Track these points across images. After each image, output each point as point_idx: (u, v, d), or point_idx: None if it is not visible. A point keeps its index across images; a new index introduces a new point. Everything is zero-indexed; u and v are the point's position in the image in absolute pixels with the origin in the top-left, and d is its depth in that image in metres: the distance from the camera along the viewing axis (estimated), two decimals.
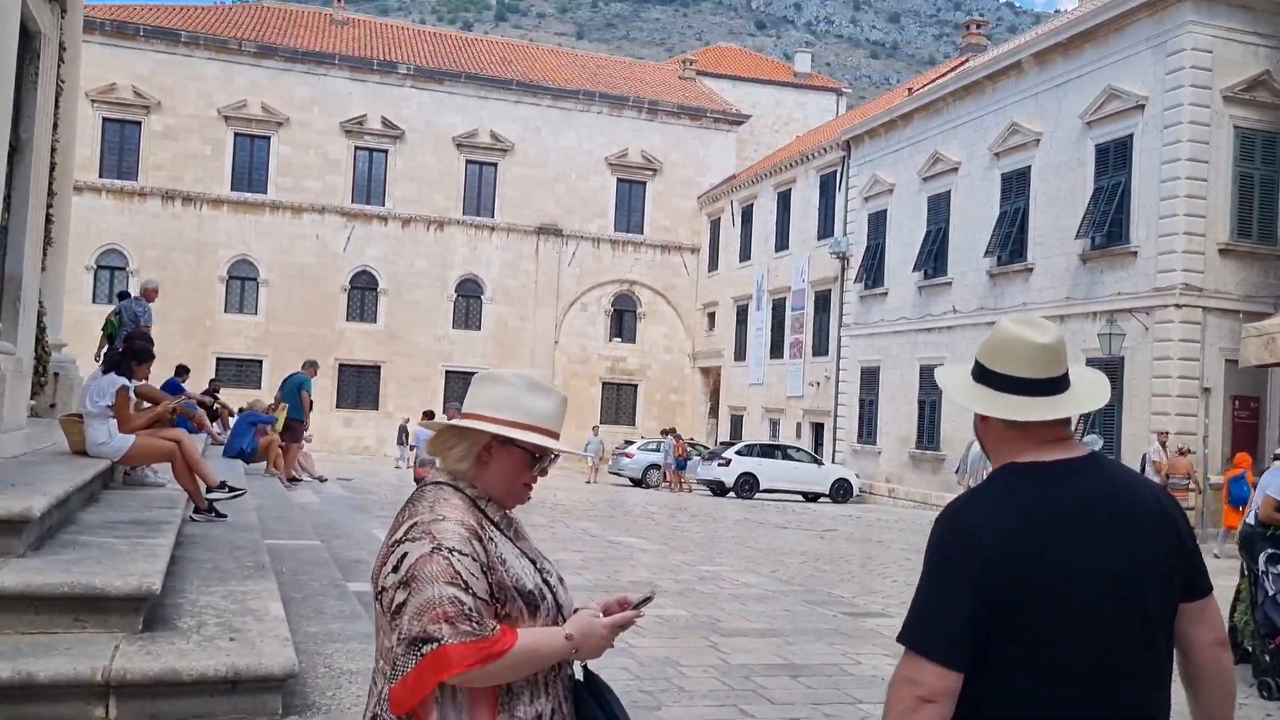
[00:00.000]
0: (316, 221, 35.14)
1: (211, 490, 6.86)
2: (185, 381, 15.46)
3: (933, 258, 25.30)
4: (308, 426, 16.12)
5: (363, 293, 35.81)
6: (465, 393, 2.12)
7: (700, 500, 24.07)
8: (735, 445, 28.08)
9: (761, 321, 34.13)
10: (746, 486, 25.92)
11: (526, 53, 43.86)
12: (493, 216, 37.01)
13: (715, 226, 38.32)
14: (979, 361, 1.92)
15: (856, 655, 7.06)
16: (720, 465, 26.40)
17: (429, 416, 20.16)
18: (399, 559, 1.83)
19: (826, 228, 30.97)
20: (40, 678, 3.11)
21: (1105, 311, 19.41)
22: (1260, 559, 6.91)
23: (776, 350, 33.10)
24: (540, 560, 2.02)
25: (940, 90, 25.85)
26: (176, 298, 31.61)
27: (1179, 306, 18.22)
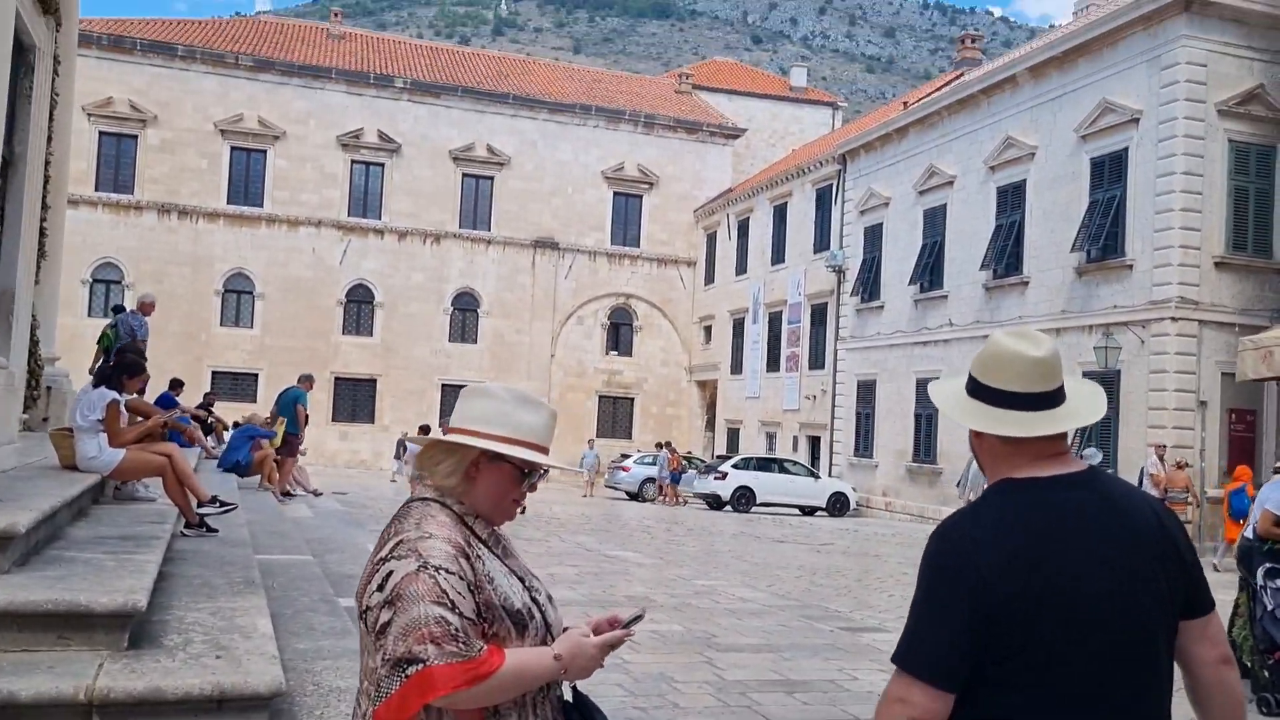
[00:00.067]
0: (313, 235, 35.14)
1: (203, 505, 6.80)
2: (179, 395, 15.41)
3: (929, 271, 25.32)
4: (303, 440, 16.05)
5: (359, 306, 35.78)
6: None
7: (696, 514, 24.00)
8: (732, 459, 28.04)
9: (758, 335, 34.13)
10: (743, 500, 25.87)
11: (523, 67, 43.98)
12: (489, 230, 37.03)
13: (711, 240, 38.36)
14: (973, 375, 1.89)
15: (853, 671, 7.01)
16: (717, 479, 26.35)
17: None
18: (384, 577, 1.79)
19: (822, 241, 31.01)
20: (22, 697, 3.06)
21: (1101, 325, 19.42)
22: (1259, 573, 6.87)
23: (773, 363, 33.09)
24: (529, 578, 1.98)
25: (935, 104, 25.92)
26: (172, 311, 31.55)
27: (1175, 320, 18.23)
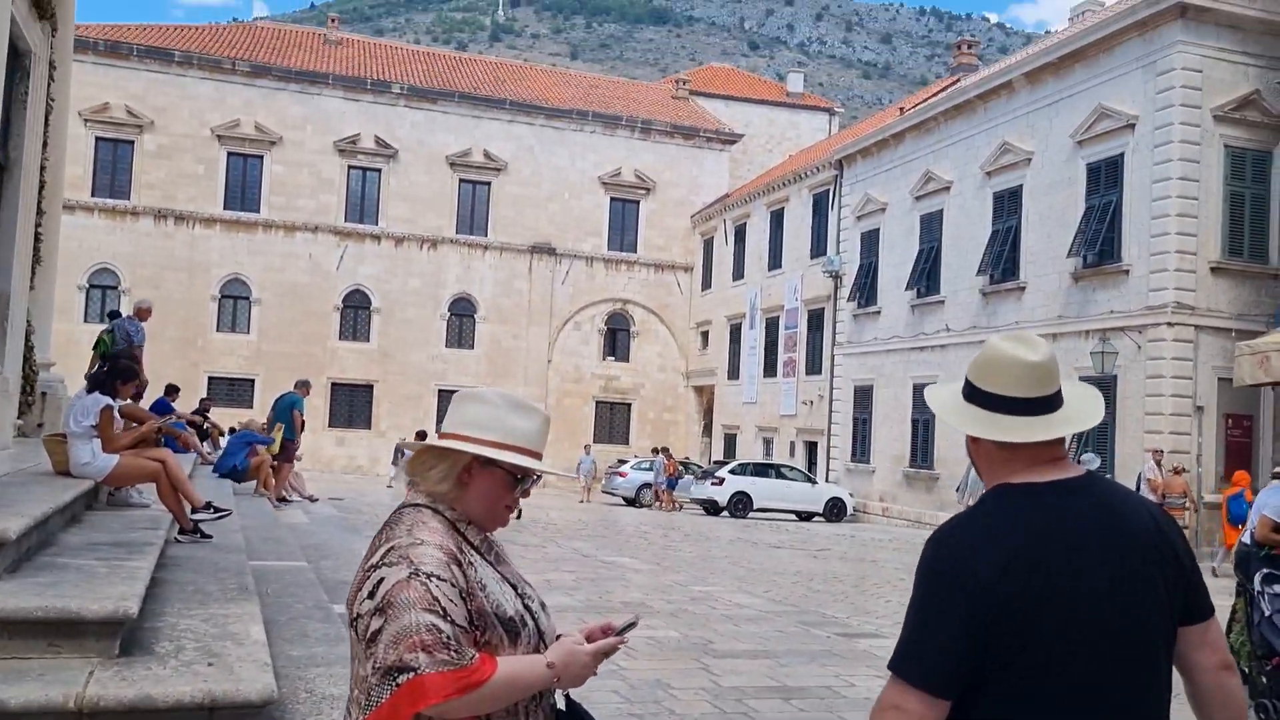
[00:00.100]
0: (309, 240, 35.11)
1: (197, 511, 6.77)
2: (175, 401, 15.38)
3: (925, 276, 25.33)
4: (299, 446, 16.03)
5: (355, 312, 35.74)
6: None
7: (693, 519, 23.97)
8: (729, 464, 28.01)
9: (755, 340, 34.12)
10: (740, 506, 25.84)
11: (520, 72, 44.00)
12: (486, 235, 37.02)
13: (708, 245, 38.37)
14: (969, 380, 1.87)
15: (850, 677, 6.99)
16: (714, 484, 26.32)
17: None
18: (375, 584, 1.77)
19: (819, 247, 31.02)
20: (11, 705, 3.03)
21: (1098, 330, 19.43)
22: (1256, 579, 6.85)
23: (770, 369, 33.08)
24: (521, 585, 1.96)
25: (932, 110, 25.95)
26: (169, 317, 31.48)
27: (1171, 325, 18.24)
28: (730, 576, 12.49)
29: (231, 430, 16.40)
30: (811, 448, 30.85)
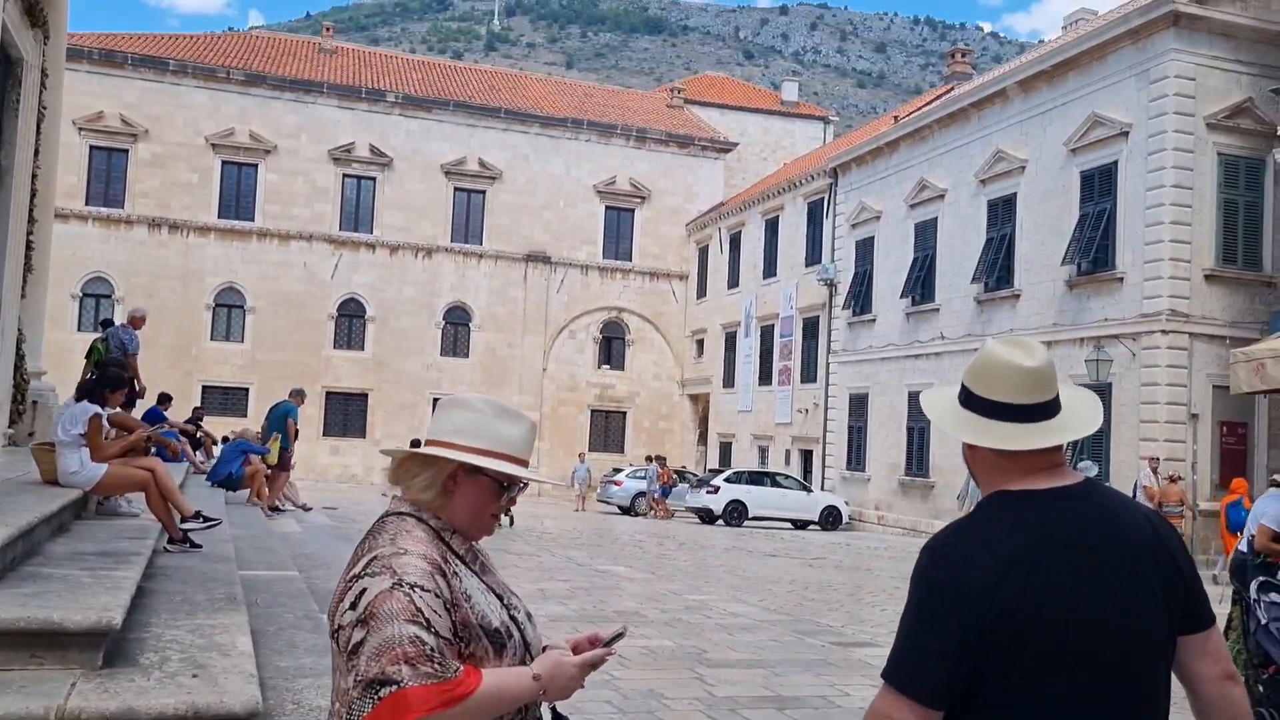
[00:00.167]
0: (304, 249, 35.06)
1: (186, 520, 6.72)
2: (167, 410, 15.32)
3: (920, 284, 25.35)
4: (293, 455, 15.95)
5: (350, 320, 35.68)
6: None
7: (688, 528, 23.90)
8: (724, 472, 27.96)
9: (750, 348, 34.10)
10: (735, 514, 25.79)
11: (515, 81, 44.04)
12: (481, 244, 37.00)
13: (703, 254, 38.38)
14: (965, 385, 1.84)
15: (844, 687, 6.94)
16: (709, 492, 26.27)
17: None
18: (357, 595, 1.73)
19: (814, 255, 31.04)
20: None
21: (1092, 338, 19.43)
22: (1252, 587, 6.82)
23: (765, 377, 33.06)
24: (507, 595, 1.92)
25: (926, 118, 26.00)
26: (163, 325, 31.40)
27: (1166, 332, 18.25)
28: (725, 585, 12.44)
29: (225, 439, 16.31)
30: (807, 456, 30.82)
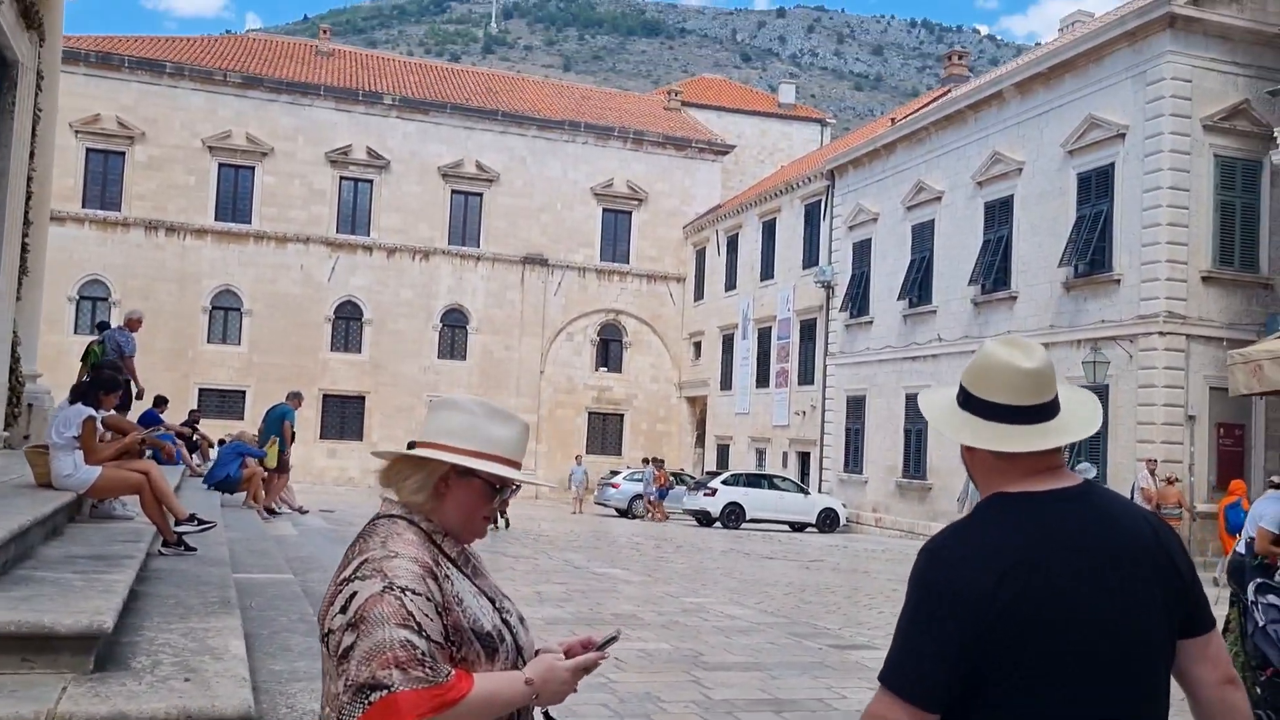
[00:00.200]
0: (301, 251, 35.01)
1: (181, 523, 6.69)
2: (164, 413, 15.29)
3: (917, 286, 25.34)
4: (289, 457, 15.90)
5: (347, 323, 35.63)
6: None
7: (686, 530, 23.88)
8: (721, 475, 27.94)
9: (747, 351, 34.09)
10: (733, 516, 25.77)
11: (512, 84, 44.02)
12: (478, 246, 36.96)
13: (701, 256, 38.37)
14: (964, 387, 1.83)
15: (841, 689, 6.92)
16: (706, 495, 26.25)
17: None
18: (347, 599, 1.71)
19: (811, 257, 31.04)
20: None
21: (1089, 339, 19.43)
22: (1249, 589, 6.80)
23: (762, 379, 33.05)
24: (499, 599, 1.90)
25: (923, 120, 26.00)
26: (159, 328, 31.36)
27: (1163, 334, 18.25)
28: (722, 588, 12.41)
29: (221, 441, 16.28)
30: (804, 458, 30.80)
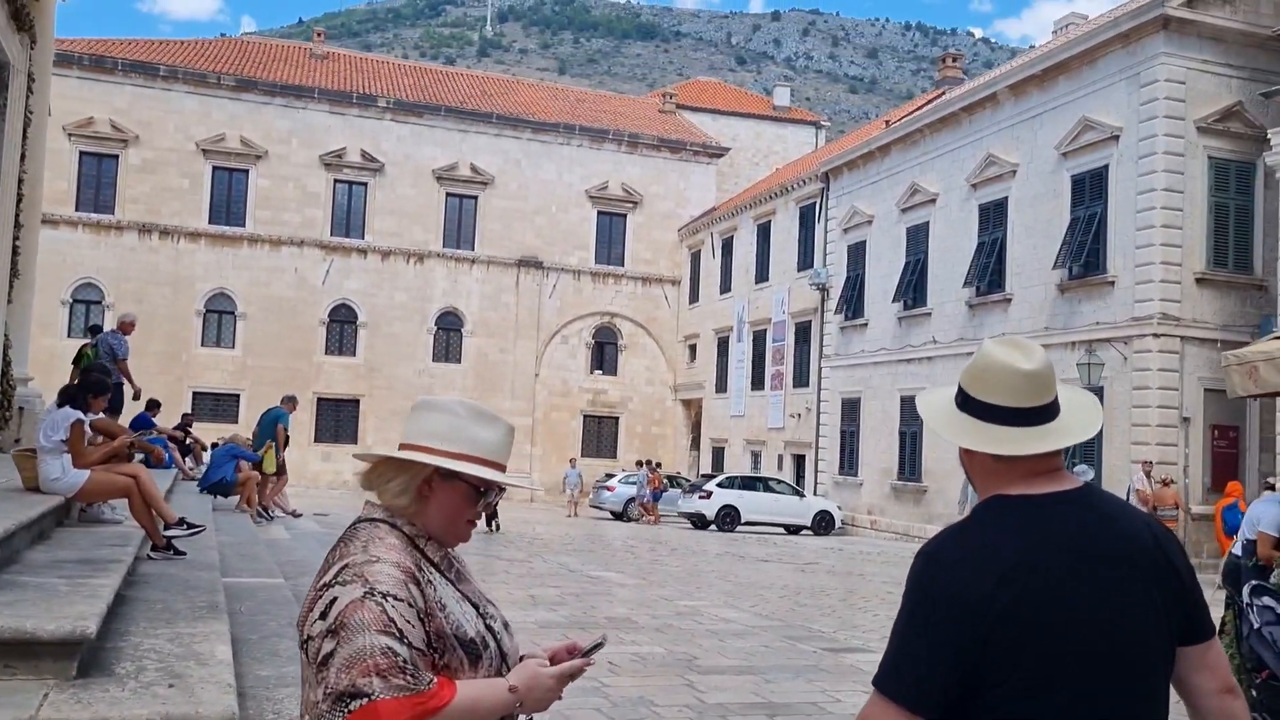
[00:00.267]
0: (295, 254, 34.93)
1: (170, 527, 6.64)
2: (156, 416, 15.20)
3: (912, 288, 25.34)
4: (283, 461, 15.84)
5: (342, 326, 35.56)
6: None
7: (681, 533, 23.84)
8: (716, 477, 27.91)
9: (742, 353, 34.08)
10: (728, 519, 25.73)
11: (507, 86, 43.98)
12: (473, 249, 36.91)
13: (695, 258, 38.36)
14: (962, 388, 1.79)
15: (836, 693, 6.88)
16: (701, 498, 26.21)
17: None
18: (327, 604, 1.67)
19: (806, 259, 31.03)
20: None
21: (1084, 341, 19.43)
22: (1245, 591, 6.78)
23: (757, 382, 33.03)
24: (483, 604, 1.86)
25: (917, 122, 26.01)
26: (153, 331, 31.25)
27: (1157, 336, 18.25)
28: (717, 591, 12.37)
29: (214, 444, 16.21)
30: (799, 460, 30.78)
